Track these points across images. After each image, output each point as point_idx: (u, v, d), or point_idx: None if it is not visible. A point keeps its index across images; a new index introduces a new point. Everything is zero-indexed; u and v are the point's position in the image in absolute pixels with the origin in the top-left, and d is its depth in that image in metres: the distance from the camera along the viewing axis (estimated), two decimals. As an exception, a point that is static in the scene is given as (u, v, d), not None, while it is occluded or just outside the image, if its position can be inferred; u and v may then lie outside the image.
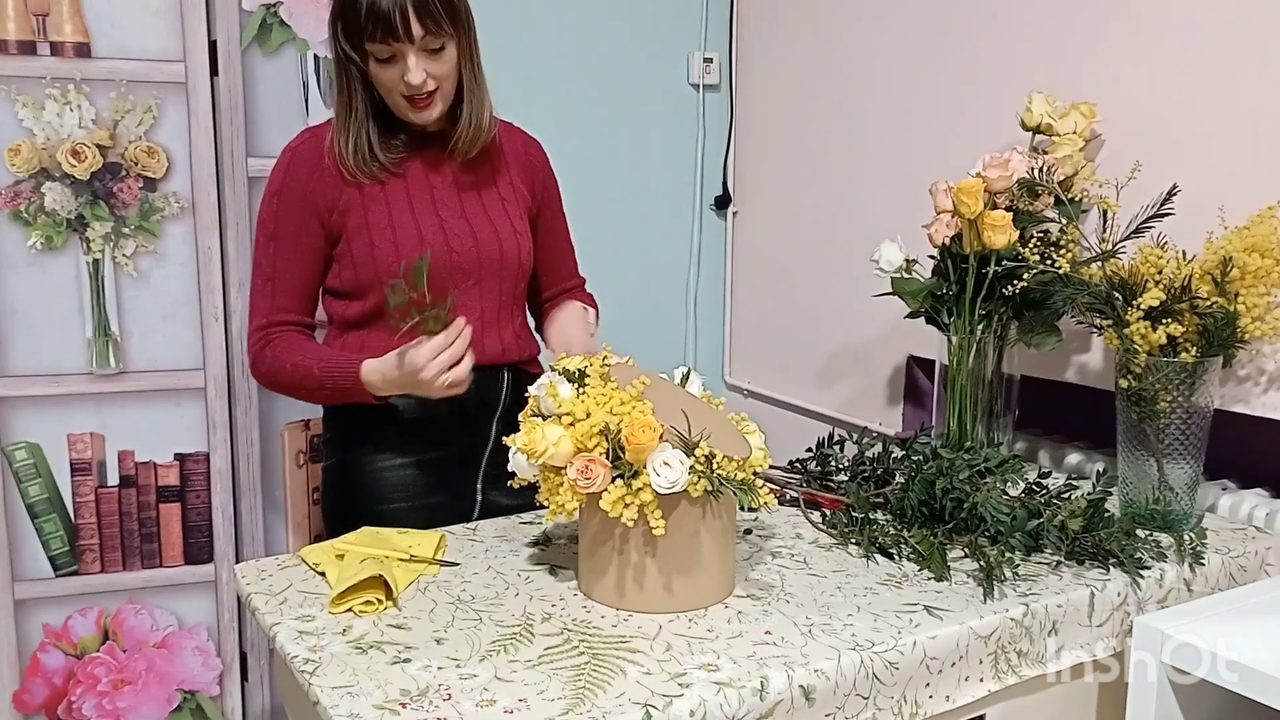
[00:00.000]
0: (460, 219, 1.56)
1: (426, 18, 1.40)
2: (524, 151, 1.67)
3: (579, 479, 1.16)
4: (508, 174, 1.63)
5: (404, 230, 1.52)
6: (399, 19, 1.38)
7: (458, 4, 1.45)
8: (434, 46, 1.43)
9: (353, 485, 1.57)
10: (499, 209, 1.60)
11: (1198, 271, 1.42)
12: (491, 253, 1.57)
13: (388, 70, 1.43)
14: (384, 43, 1.40)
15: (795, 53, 2.37)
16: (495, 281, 1.58)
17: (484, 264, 1.56)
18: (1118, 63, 1.68)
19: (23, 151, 1.83)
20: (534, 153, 1.69)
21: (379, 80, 1.45)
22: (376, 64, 1.43)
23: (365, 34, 1.40)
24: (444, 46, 1.44)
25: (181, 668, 2.03)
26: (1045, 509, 1.38)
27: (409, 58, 1.42)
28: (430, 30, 1.41)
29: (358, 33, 1.41)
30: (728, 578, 1.27)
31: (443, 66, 1.45)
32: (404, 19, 1.38)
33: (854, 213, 2.23)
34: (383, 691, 1.04)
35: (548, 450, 1.18)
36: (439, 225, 1.54)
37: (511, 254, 1.59)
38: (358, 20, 1.40)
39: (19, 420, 1.90)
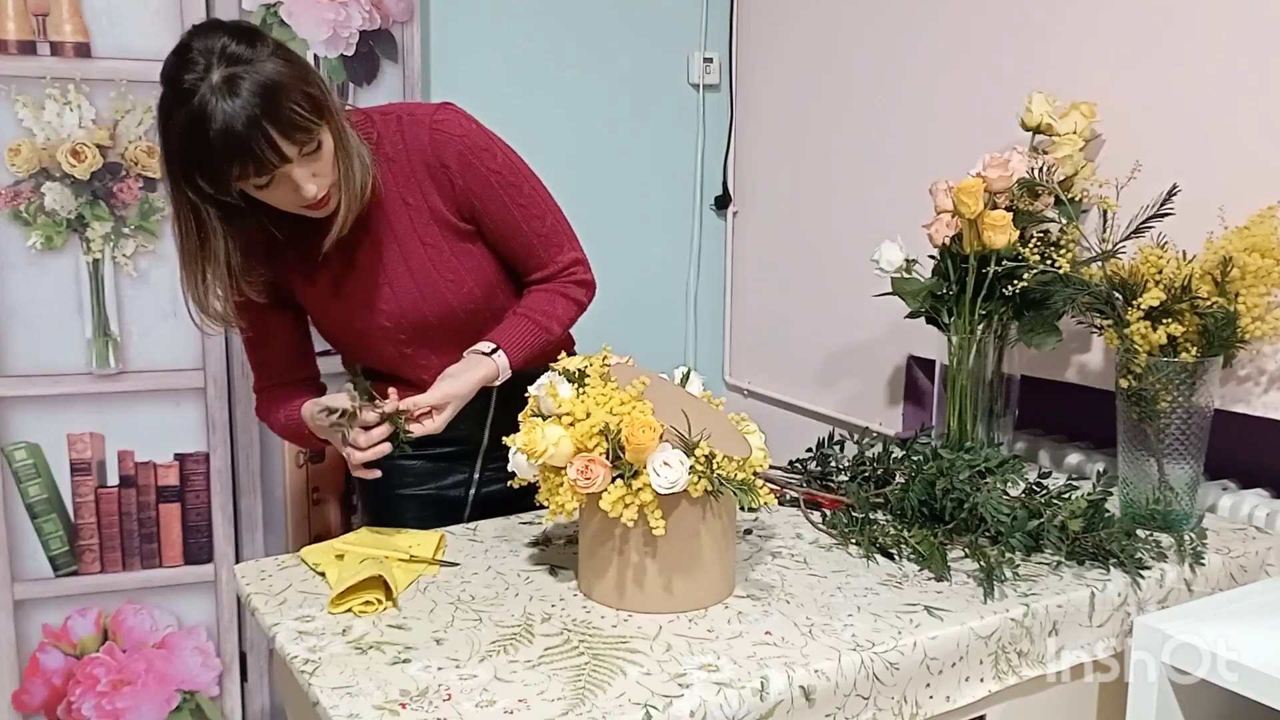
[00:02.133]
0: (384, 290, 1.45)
1: (295, 132, 1.23)
2: (433, 160, 1.42)
3: (579, 479, 1.16)
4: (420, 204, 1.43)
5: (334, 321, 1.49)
6: (267, 148, 1.21)
7: (314, 93, 1.26)
8: (310, 150, 1.26)
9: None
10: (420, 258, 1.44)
11: (1198, 271, 1.42)
12: (424, 315, 1.47)
13: (274, 191, 1.28)
14: (260, 175, 1.24)
15: (795, 53, 2.37)
16: (446, 332, 1.49)
17: (422, 327, 1.48)
18: (1118, 63, 1.68)
19: (23, 151, 1.83)
20: (445, 157, 1.42)
21: (267, 199, 1.30)
22: (258, 190, 1.28)
23: (231, 174, 1.22)
24: (319, 143, 1.28)
25: (181, 668, 2.02)
26: (1045, 509, 1.38)
27: (294, 173, 1.26)
28: (303, 142, 1.24)
29: (219, 174, 1.22)
30: (728, 578, 1.27)
31: (325, 161, 1.29)
32: (273, 146, 1.21)
33: (854, 213, 2.23)
34: (383, 692, 1.04)
35: (547, 450, 1.18)
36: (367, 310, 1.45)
37: (449, 304, 1.47)
38: (213, 161, 1.21)
39: (19, 420, 1.89)
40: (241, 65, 1.19)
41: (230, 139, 1.19)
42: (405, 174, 1.42)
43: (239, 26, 1.25)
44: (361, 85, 2.03)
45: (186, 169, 1.24)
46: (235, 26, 1.25)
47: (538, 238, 1.50)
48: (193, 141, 1.20)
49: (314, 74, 1.29)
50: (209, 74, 1.19)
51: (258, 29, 1.27)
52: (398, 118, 1.42)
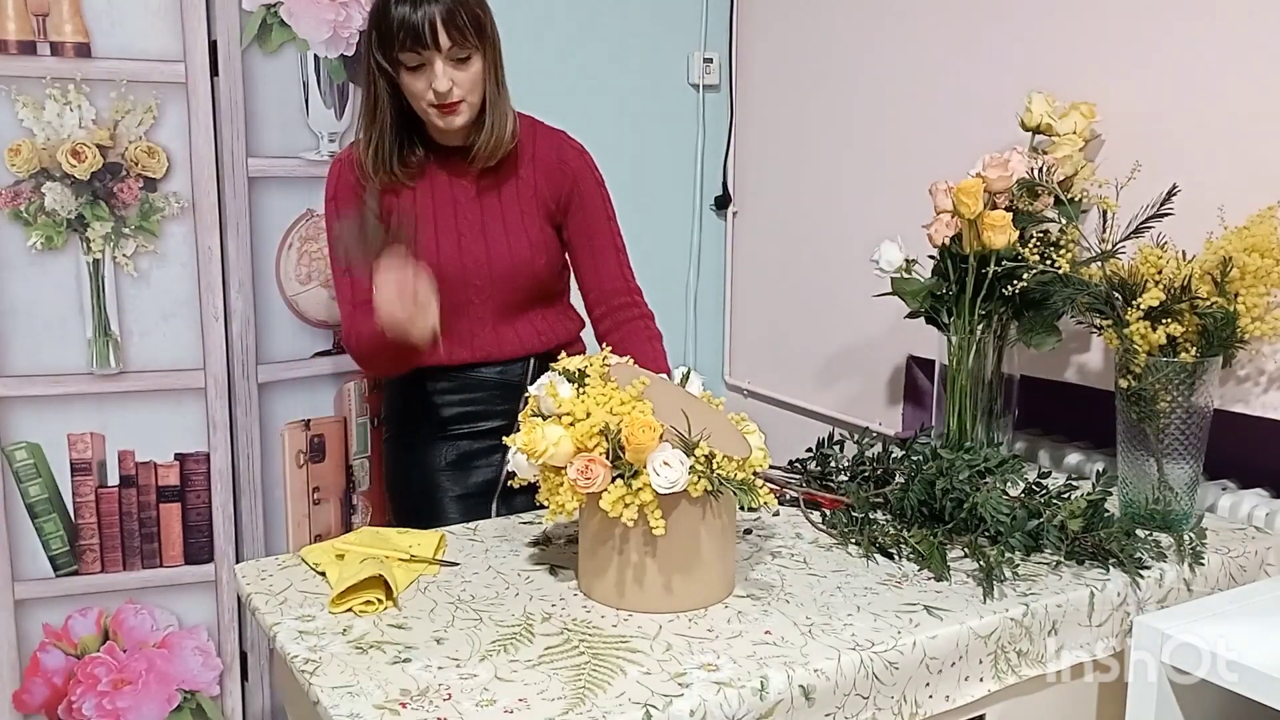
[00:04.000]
0: (477, 235, 1.65)
1: (453, 29, 1.49)
2: (556, 157, 1.69)
3: (579, 479, 1.16)
4: (531, 180, 1.68)
5: (424, 244, 1.63)
6: (428, 29, 1.48)
7: (484, 20, 1.55)
8: (460, 56, 1.52)
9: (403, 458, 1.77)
10: (517, 220, 1.66)
11: (1198, 271, 1.42)
12: (503, 269, 1.65)
13: (416, 79, 1.52)
14: (414, 51, 1.49)
15: (795, 53, 2.37)
16: (509, 290, 1.67)
17: (496, 279, 1.66)
18: (1118, 63, 1.68)
19: (23, 151, 1.83)
20: (567, 158, 1.70)
21: (408, 89, 1.54)
22: (406, 72, 1.52)
23: (396, 43, 1.49)
24: (469, 57, 1.53)
25: (181, 668, 2.02)
26: (1045, 509, 1.38)
27: (436, 65, 1.50)
28: (456, 41, 1.50)
29: (389, 43, 1.50)
30: (728, 577, 1.27)
31: (468, 76, 1.54)
32: (432, 30, 1.48)
33: (854, 213, 2.23)
34: (383, 691, 1.04)
35: (548, 450, 1.18)
36: (456, 241, 1.64)
37: (525, 268, 1.66)
38: (390, 31, 1.49)
39: (19, 420, 1.89)
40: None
41: (407, 13, 1.48)
42: (528, 159, 1.68)
43: None
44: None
45: (370, 32, 1.54)
46: None
47: (618, 251, 1.74)
48: (383, 10, 1.51)
49: (492, 15, 1.58)
50: None
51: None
52: (533, 124, 1.71)
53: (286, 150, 2.00)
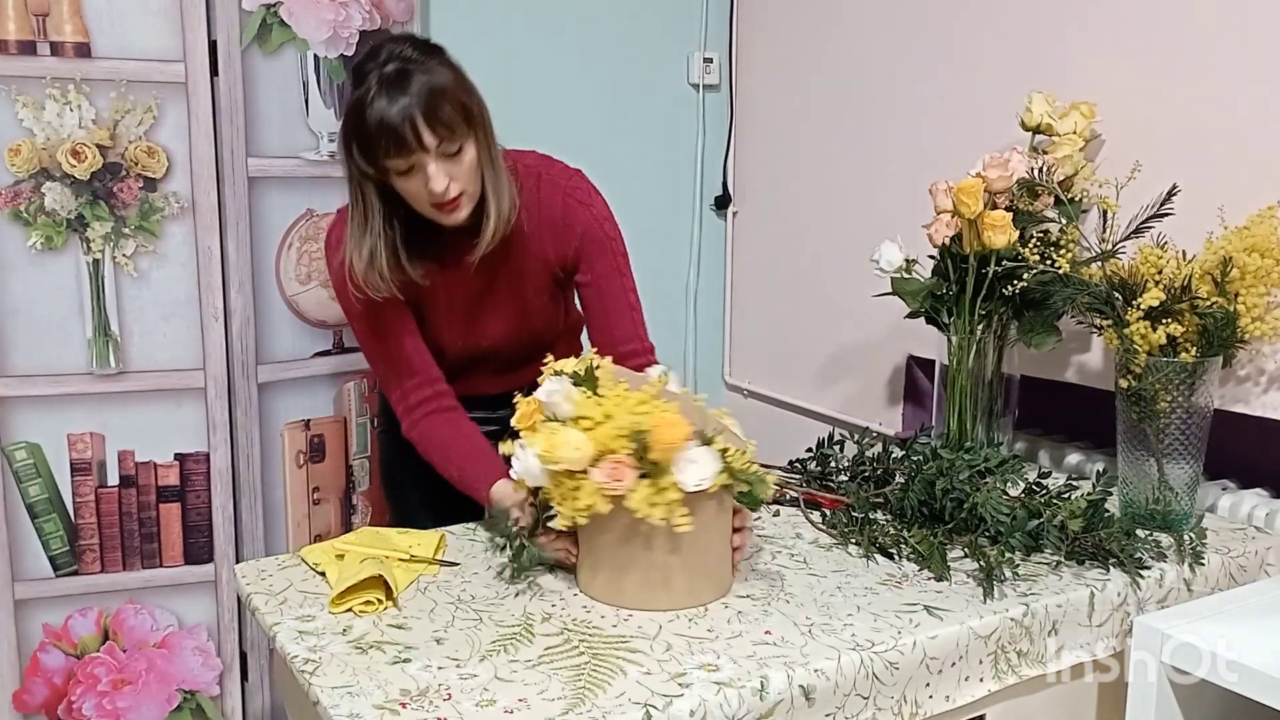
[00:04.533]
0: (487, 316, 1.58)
1: (438, 125, 1.35)
2: (561, 217, 1.54)
3: (608, 482, 1.16)
4: (538, 245, 1.55)
5: (433, 327, 1.57)
6: (410, 131, 1.33)
7: (469, 104, 1.39)
8: (451, 151, 1.38)
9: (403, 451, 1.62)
10: (526, 295, 1.58)
11: (1198, 271, 1.42)
12: (514, 343, 1.61)
13: (410, 181, 1.39)
14: (400, 156, 1.35)
15: (795, 53, 2.37)
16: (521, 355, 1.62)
17: (507, 350, 1.62)
18: (1118, 63, 1.68)
19: (23, 151, 1.83)
20: (574, 218, 1.54)
21: (404, 191, 1.41)
22: (398, 176, 1.39)
23: (380, 150, 1.35)
24: (461, 149, 1.39)
25: (181, 668, 2.02)
26: (1045, 509, 1.38)
27: (429, 166, 1.36)
28: (444, 137, 1.36)
29: (372, 151, 1.36)
30: (728, 574, 1.27)
31: (464, 169, 1.40)
32: (414, 130, 1.33)
33: (854, 213, 2.23)
34: (383, 691, 1.04)
35: (572, 455, 1.17)
36: (464, 325, 1.58)
37: (536, 340, 1.60)
38: (370, 137, 1.35)
39: (19, 420, 1.89)
40: (413, 64, 1.35)
41: (384, 118, 1.33)
42: (536, 225, 1.53)
43: (424, 40, 1.42)
44: (362, 85, 2.02)
45: (348, 142, 1.39)
46: (421, 39, 1.42)
47: (632, 310, 1.61)
48: (356, 117, 1.35)
49: (476, 93, 1.42)
50: (385, 66, 1.34)
51: (439, 45, 1.41)
52: (538, 174, 1.55)
53: (286, 150, 2.00)
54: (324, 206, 2.03)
